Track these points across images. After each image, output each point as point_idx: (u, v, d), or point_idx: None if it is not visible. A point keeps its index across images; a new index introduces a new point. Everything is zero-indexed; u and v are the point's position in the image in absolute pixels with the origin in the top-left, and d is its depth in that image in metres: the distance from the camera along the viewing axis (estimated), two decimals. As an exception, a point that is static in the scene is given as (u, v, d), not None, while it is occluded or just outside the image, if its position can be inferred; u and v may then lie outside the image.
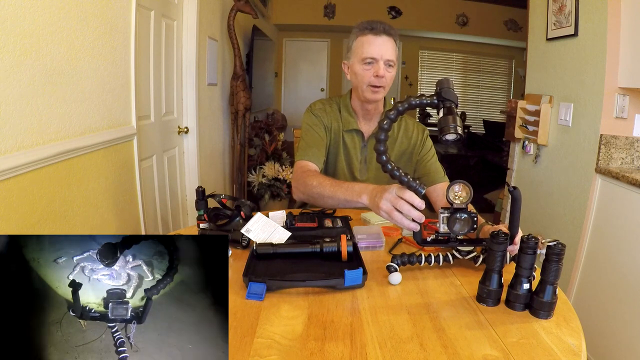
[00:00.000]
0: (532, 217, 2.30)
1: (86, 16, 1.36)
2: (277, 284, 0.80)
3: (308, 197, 1.24)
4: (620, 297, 1.62)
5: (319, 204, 1.22)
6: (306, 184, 1.21)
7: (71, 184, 1.33)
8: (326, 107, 1.39)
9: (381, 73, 1.23)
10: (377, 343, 0.65)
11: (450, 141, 0.82)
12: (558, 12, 2.09)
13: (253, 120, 3.84)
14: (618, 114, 1.78)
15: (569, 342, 0.66)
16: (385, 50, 1.24)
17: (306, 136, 1.35)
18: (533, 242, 0.74)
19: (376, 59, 1.24)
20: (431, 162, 1.38)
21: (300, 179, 1.25)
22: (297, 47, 6.89)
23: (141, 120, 1.89)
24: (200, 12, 2.47)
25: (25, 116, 1.10)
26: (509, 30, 6.11)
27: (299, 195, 1.27)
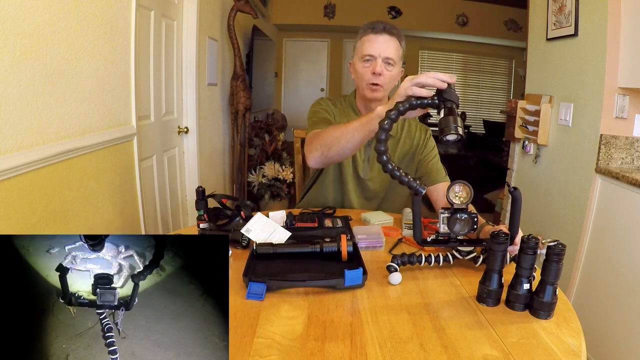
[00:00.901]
0: (532, 217, 2.30)
1: (86, 16, 1.36)
2: (277, 284, 0.80)
3: (323, 149, 1.12)
4: (620, 297, 1.62)
5: (335, 149, 1.09)
6: (318, 137, 1.13)
7: (71, 184, 1.33)
8: (335, 102, 1.41)
9: (378, 70, 1.23)
10: (377, 343, 0.65)
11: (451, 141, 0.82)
12: (558, 12, 2.09)
13: (253, 120, 3.84)
14: (618, 114, 1.78)
15: (569, 342, 0.66)
16: (383, 48, 1.24)
17: (315, 115, 1.33)
18: (533, 242, 0.74)
19: (374, 56, 1.24)
20: (433, 162, 1.38)
21: (312, 139, 1.17)
22: (297, 47, 6.89)
23: (141, 120, 1.89)
24: (200, 12, 2.46)
25: (25, 116, 1.10)
26: (509, 30, 6.10)
27: (313, 153, 1.15)
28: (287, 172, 3.47)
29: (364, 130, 1.01)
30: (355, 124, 1.03)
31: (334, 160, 1.15)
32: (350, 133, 1.03)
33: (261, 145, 3.64)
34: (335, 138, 1.07)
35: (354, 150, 1.09)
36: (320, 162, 1.16)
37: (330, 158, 1.13)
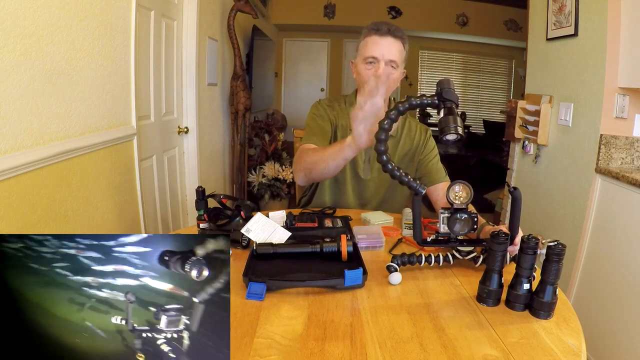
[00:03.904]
0: (532, 217, 2.30)
1: (86, 16, 1.36)
2: (277, 284, 0.80)
3: (305, 172, 1.19)
4: (620, 297, 1.62)
5: (315, 172, 1.16)
6: (301, 159, 1.20)
7: (71, 184, 1.33)
8: (334, 104, 1.41)
9: (380, 72, 1.23)
10: (377, 343, 0.65)
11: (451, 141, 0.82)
12: (558, 12, 2.09)
13: (253, 120, 3.84)
14: (618, 114, 1.78)
15: (569, 342, 0.66)
16: (387, 50, 1.24)
17: (311, 123, 1.36)
18: (533, 242, 0.74)
19: (377, 58, 1.24)
20: (433, 162, 1.38)
21: (299, 157, 1.24)
22: (297, 47, 6.89)
23: (141, 120, 1.89)
24: (200, 12, 2.46)
25: (25, 116, 1.10)
26: (509, 30, 6.11)
27: (298, 174, 1.22)
28: (287, 172, 3.47)
29: (338, 157, 1.06)
30: (330, 151, 1.08)
31: (318, 180, 1.21)
32: (325, 161, 1.09)
33: (261, 145, 3.64)
34: (314, 163, 1.13)
35: (335, 173, 1.16)
36: (305, 182, 1.24)
37: (313, 179, 1.22)
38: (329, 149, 1.10)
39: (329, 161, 1.09)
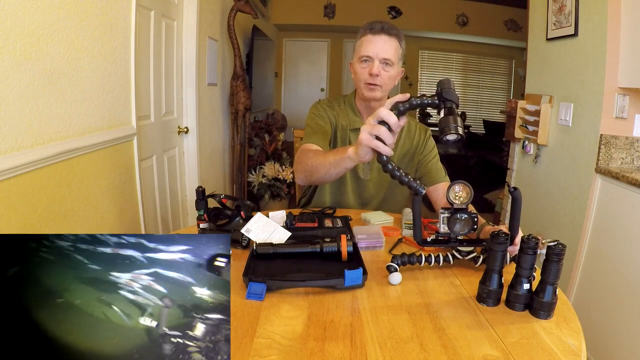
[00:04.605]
0: (532, 217, 2.30)
1: (86, 16, 1.36)
2: (277, 284, 0.80)
3: (306, 174, 1.19)
4: (620, 297, 1.62)
5: (316, 177, 1.15)
6: (302, 161, 1.20)
7: (71, 184, 1.33)
8: (334, 104, 1.41)
9: (374, 71, 1.24)
10: (377, 343, 0.65)
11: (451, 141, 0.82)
12: (558, 12, 2.09)
13: (253, 120, 3.84)
14: (618, 114, 1.78)
15: (569, 342, 0.66)
16: (381, 48, 1.24)
17: (311, 123, 1.36)
18: (533, 242, 0.74)
19: (371, 57, 1.24)
20: (432, 162, 1.38)
21: (299, 158, 1.23)
22: (297, 47, 6.88)
23: (141, 120, 1.89)
24: (200, 12, 2.46)
25: (25, 116, 1.10)
26: (509, 30, 6.10)
27: (299, 175, 1.22)
28: (287, 172, 3.47)
29: (338, 166, 1.05)
30: (331, 158, 1.06)
31: (318, 183, 1.19)
32: (326, 167, 1.08)
33: (261, 145, 3.64)
34: (315, 167, 1.12)
35: (335, 178, 1.14)
36: (305, 183, 1.24)
37: (313, 182, 1.21)
38: (330, 156, 1.08)
39: (329, 168, 1.08)
